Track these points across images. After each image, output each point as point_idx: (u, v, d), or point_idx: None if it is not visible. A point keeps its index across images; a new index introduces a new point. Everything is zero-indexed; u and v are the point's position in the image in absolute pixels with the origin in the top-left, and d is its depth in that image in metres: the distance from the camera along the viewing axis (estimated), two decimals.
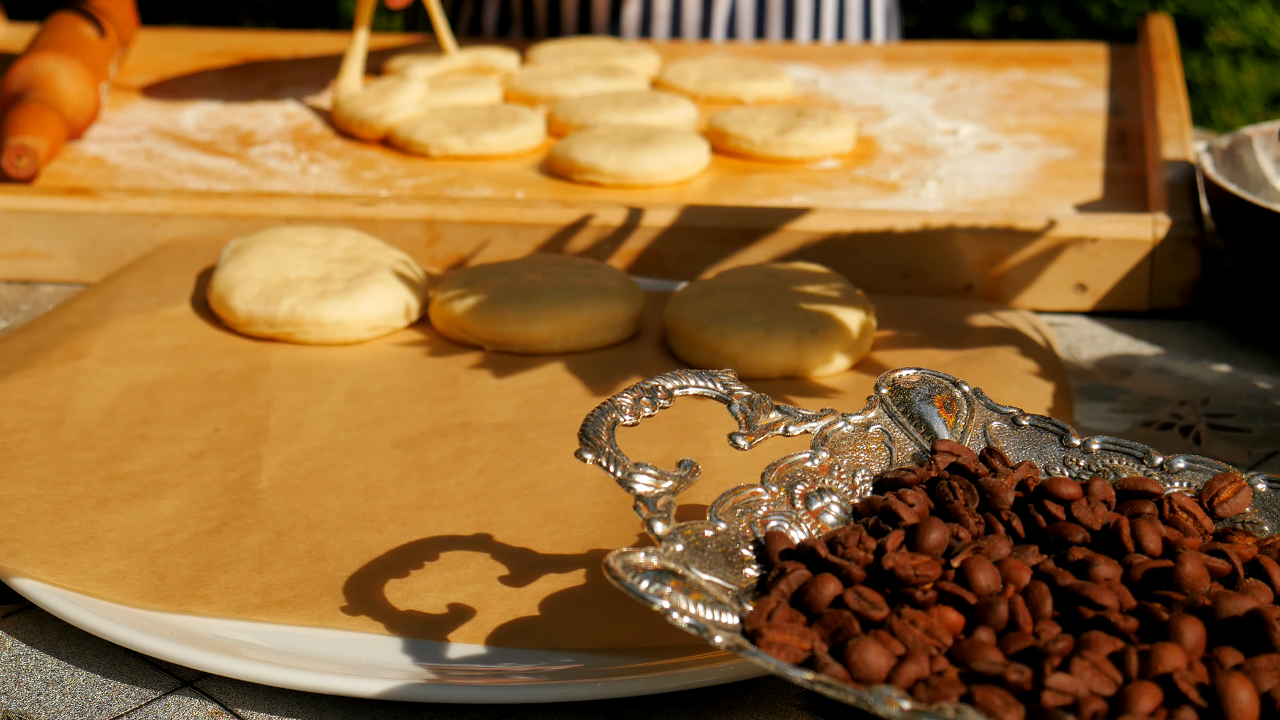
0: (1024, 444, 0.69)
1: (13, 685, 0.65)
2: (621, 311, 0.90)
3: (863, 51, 1.41)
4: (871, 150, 1.17)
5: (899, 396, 0.69)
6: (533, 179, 1.11)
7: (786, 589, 0.59)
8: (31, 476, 0.76)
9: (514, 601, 0.68)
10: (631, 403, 0.64)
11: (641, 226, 0.99)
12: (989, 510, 0.63)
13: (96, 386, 0.84)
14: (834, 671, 0.54)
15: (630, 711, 0.63)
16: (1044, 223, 0.96)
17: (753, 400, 0.66)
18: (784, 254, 0.98)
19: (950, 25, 3.03)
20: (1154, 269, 0.95)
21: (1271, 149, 1.02)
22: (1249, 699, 0.52)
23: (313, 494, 0.76)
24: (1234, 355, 0.91)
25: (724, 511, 0.62)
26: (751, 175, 1.12)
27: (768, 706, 0.63)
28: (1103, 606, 0.57)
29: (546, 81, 1.27)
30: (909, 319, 0.92)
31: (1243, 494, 0.65)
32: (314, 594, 0.68)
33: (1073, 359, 0.91)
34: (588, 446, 0.61)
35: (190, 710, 0.64)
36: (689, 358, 0.88)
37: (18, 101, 1.13)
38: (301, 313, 0.89)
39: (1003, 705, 0.52)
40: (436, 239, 1.00)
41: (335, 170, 1.14)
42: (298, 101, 1.28)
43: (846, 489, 0.66)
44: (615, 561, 0.56)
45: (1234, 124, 2.75)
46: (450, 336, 0.91)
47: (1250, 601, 0.56)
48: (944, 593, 0.58)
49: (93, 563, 0.70)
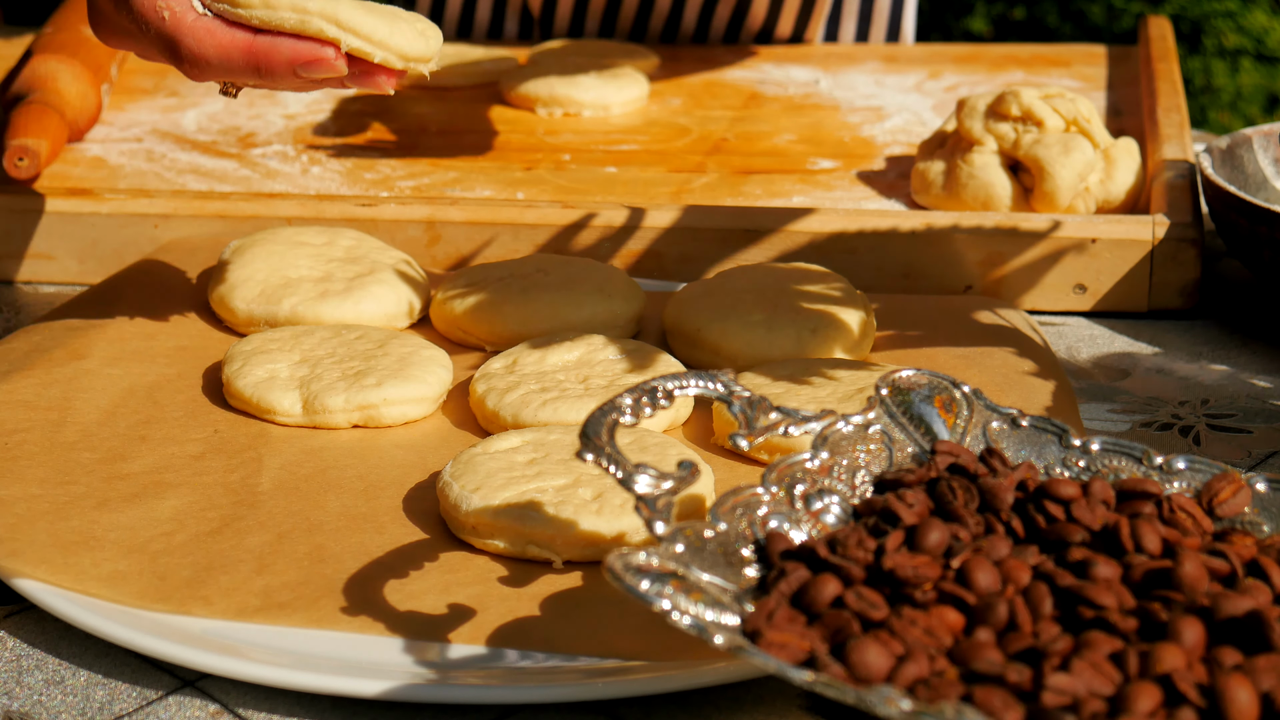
0: (1023, 444, 0.69)
1: (14, 685, 0.65)
2: (621, 311, 0.90)
3: (863, 52, 1.41)
4: (871, 151, 1.18)
5: (899, 397, 0.69)
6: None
7: (787, 589, 0.59)
8: (32, 476, 0.76)
9: (514, 603, 0.68)
10: (632, 403, 0.64)
11: (642, 227, 0.99)
12: (989, 510, 0.63)
13: (97, 387, 0.84)
14: (834, 671, 0.54)
15: (630, 711, 0.63)
16: (1044, 224, 0.96)
17: (753, 400, 0.67)
18: (784, 254, 0.98)
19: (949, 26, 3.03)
20: (1153, 270, 0.95)
21: (1271, 150, 1.02)
22: (1248, 699, 0.52)
23: (313, 495, 0.76)
24: (1234, 356, 0.92)
25: (724, 512, 0.62)
26: (752, 176, 1.12)
27: (768, 706, 0.63)
28: (1102, 606, 0.57)
29: (546, 82, 1.27)
30: (909, 319, 0.92)
31: (1242, 494, 0.65)
32: (314, 596, 0.68)
33: (1072, 360, 0.91)
34: (588, 447, 0.61)
35: (191, 710, 0.64)
36: (689, 358, 0.88)
37: (19, 102, 1.13)
38: (302, 313, 0.89)
39: (1003, 705, 0.52)
40: (437, 240, 1.00)
41: (335, 171, 1.14)
42: (298, 102, 1.28)
43: (847, 489, 0.66)
44: (616, 562, 0.56)
45: (1231, 126, 2.75)
46: (451, 337, 0.91)
47: (1250, 601, 0.56)
48: (944, 593, 0.58)
49: (93, 563, 0.70)
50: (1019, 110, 1.03)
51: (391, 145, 1.20)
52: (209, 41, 0.78)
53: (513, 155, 1.17)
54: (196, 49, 0.78)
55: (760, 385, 0.80)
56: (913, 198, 1.08)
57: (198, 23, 0.78)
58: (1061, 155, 1.01)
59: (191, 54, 0.78)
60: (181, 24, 0.78)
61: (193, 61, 0.78)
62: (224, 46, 0.78)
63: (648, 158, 1.17)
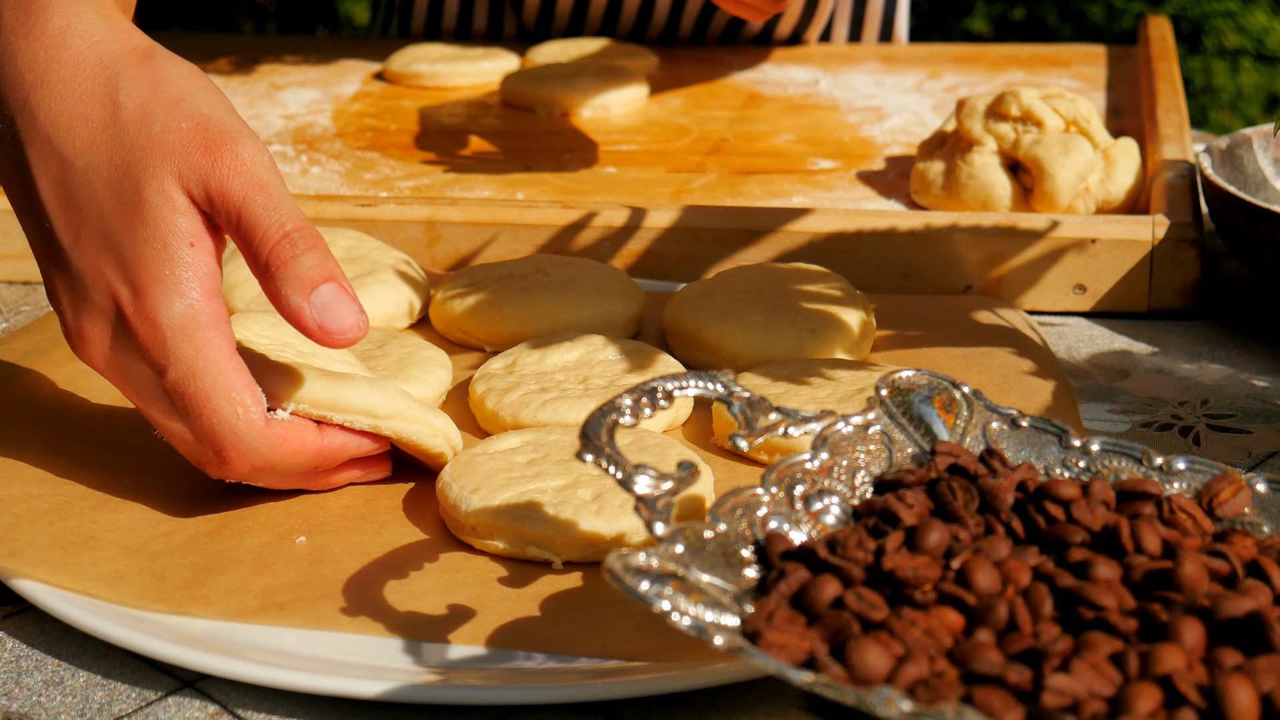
0: (1023, 445, 0.69)
1: (13, 686, 0.65)
2: (621, 311, 0.90)
3: (863, 52, 1.41)
4: (871, 151, 1.18)
5: (899, 397, 0.69)
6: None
7: (786, 590, 0.59)
8: (31, 476, 0.76)
9: (514, 603, 0.68)
10: (631, 403, 0.64)
11: (642, 227, 0.99)
12: (989, 511, 0.63)
13: (97, 387, 0.84)
14: (834, 672, 0.54)
15: (630, 711, 0.63)
16: (1044, 224, 0.96)
17: (753, 401, 0.67)
18: (784, 254, 0.98)
19: (949, 26, 3.03)
20: (1153, 270, 0.95)
21: (1271, 150, 1.02)
22: (1249, 700, 0.52)
23: (312, 495, 0.75)
24: (1233, 356, 0.92)
25: (724, 512, 0.62)
26: (752, 176, 1.12)
27: (768, 707, 0.63)
28: (1102, 607, 0.57)
29: (546, 82, 1.27)
30: (909, 319, 0.92)
31: (1242, 495, 0.65)
32: (314, 597, 0.68)
33: (1072, 360, 0.91)
34: (588, 447, 0.61)
35: (190, 711, 0.64)
36: (689, 358, 0.88)
37: None
38: None
39: (1003, 706, 0.52)
40: (437, 240, 1.00)
41: (335, 171, 1.14)
42: (298, 102, 1.28)
43: (846, 490, 0.66)
44: (616, 563, 0.56)
45: (1231, 126, 2.75)
46: (450, 337, 0.91)
47: (1250, 602, 0.56)
48: (944, 593, 0.58)
49: (92, 563, 0.70)
50: (1019, 110, 1.03)
51: (391, 145, 1.20)
52: (283, 446, 0.70)
53: (513, 155, 1.17)
54: (266, 452, 0.70)
55: (760, 385, 0.80)
56: (912, 198, 1.08)
57: (274, 426, 0.70)
58: (1061, 155, 1.01)
59: (257, 456, 0.70)
60: (255, 426, 0.69)
61: (255, 464, 0.70)
62: (296, 448, 0.71)
63: (648, 158, 1.17)
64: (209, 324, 0.68)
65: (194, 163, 0.68)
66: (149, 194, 0.68)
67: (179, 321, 0.68)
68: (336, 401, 0.71)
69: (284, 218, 0.69)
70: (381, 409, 0.72)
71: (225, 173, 0.68)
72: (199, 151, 0.68)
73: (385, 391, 0.73)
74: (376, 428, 0.73)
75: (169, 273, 0.68)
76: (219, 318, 0.69)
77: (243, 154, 0.69)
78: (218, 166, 0.68)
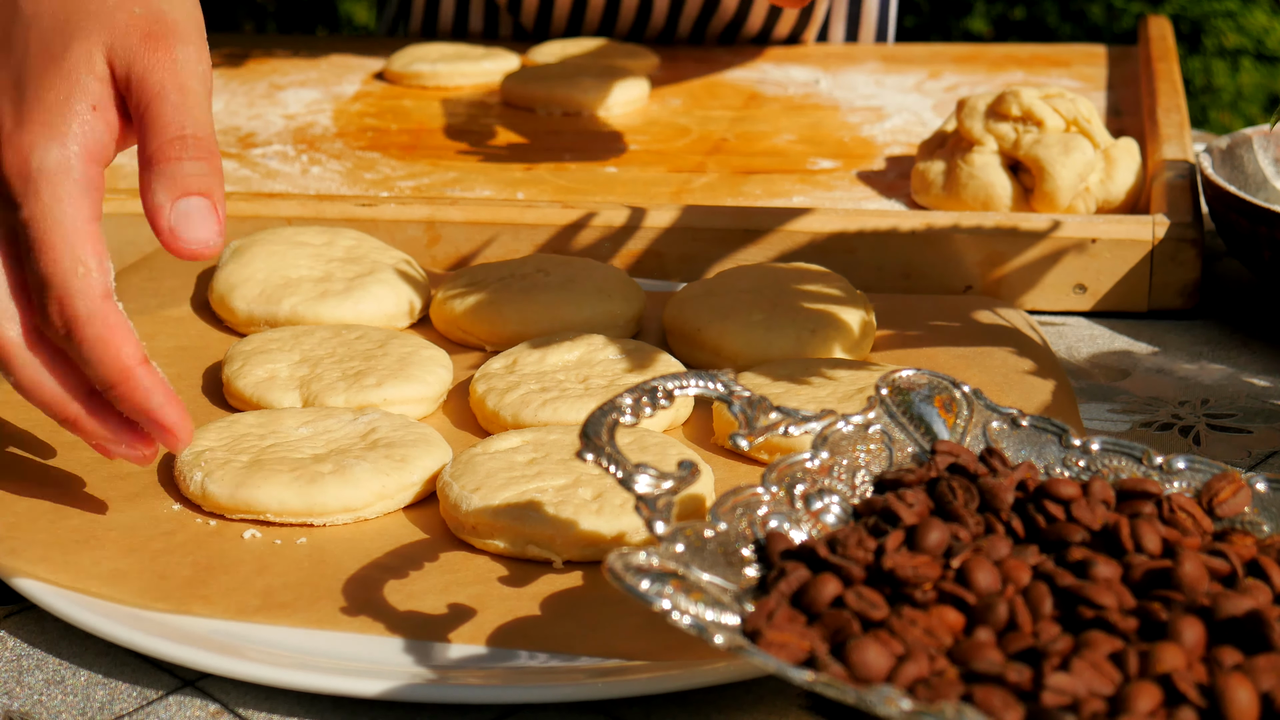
0: (1023, 444, 0.69)
1: (14, 685, 0.65)
2: (622, 311, 0.90)
3: (863, 52, 1.41)
4: (871, 151, 1.18)
5: (899, 397, 0.69)
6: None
7: (787, 589, 0.59)
8: (32, 476, 0.76)
9: (514, 602, 0.68)
10: (632, 403, 0.64)
11: (642, 227, 0.99)
12: (989, 510, 0.63)
13: None
14: (834, 671, 0.54)
15: (630, 711, 0.63)
16: (1044, 224, 0.96)
17: (753, 400, 0.67)
18: (784, 254, 0.98)
19: (949, 26, 3.03)
20: (1153, 270, 0.95)
21: (1271, 150, 1.02)
22: (1248, 699, 0.52)
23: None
24: (1233, 355, 0.92)
25: (724, 512, 0.62)
26: (752, 176, 1.12)
27: (768, 706, 0.63)
28: (1102, 606, 0.57)
29: (546, 82, 1.27)
30: (909, 319, 0.92)
31: (1242, 494, 0.65)
32: (314, 596, 0.68)
33: (1072, 359, 0.91)
34: (588, 446, 0.61)
35: (191, 710, 0.64)
36: (689, 357, 0.88)
37: None
38: (303, 313, 0.89)
39: (1003, 705, 0.52)
40: (437, 240, 1.00)
41: (335, 171, 1.14)
42: (298, 102, 1.28)
43: (847, 489, 0.66)
44: (616, 562, 0.56)
45: (1231, 126, 2.75)
46: (451, 337, 0.91)
47: (1250, 601, 0.56)
48: (944, 593, 0.58)
49: (93, 561, 0.70)
50: (1019, 110, 1.03)
51: (391, 145, 1.20)
52: (105, 331, 0.67)
53: (513, 155, 1.17)
54: (86, 321, 0.66)
55: (760, 385, 0.80)
56: (913, 198, 1.08)
57: (109, 305, 0.67)
58: (1061, 155, 1.01)
59: (79, 323, 0.67)
60: (91, 288, 0.66)
61: (75, 332, 0.67)
62: (115, 342, 0.67)
63: (648, 158, 1.17)
64: (78, 180, 0.67)
65: (129, 44, 0.68)
66: (74, 51, 0.68)
67: (49, 166, 0.66)
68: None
69: (188, 122, 0.68)
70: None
71: (153, 63, 0.68)
72: (138, 37, 0.68)
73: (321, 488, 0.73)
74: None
75: (59, 121, 0.67)
76: (92, 182, 0.67)
77: (178, 53, 0.68)
78: (148, 55, 0.68)
